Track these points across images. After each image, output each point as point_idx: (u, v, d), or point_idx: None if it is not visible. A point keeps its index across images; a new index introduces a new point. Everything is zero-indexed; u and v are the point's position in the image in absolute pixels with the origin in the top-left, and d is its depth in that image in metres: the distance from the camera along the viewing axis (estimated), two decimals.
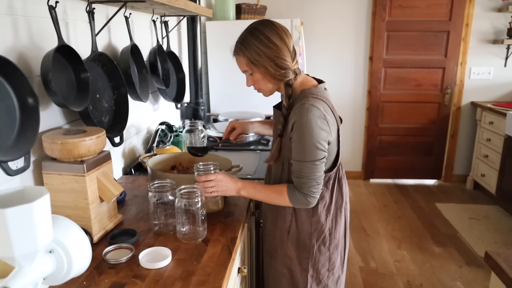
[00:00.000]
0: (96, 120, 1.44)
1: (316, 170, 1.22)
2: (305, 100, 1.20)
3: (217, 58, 3.16)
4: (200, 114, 2.65)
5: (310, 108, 1.18)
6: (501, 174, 3.44)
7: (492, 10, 3.76)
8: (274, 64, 1.20)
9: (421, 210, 3.58)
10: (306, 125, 1.18)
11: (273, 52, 1.20)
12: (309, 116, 1.18)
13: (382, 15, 3.85)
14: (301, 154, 1.21)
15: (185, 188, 1.21)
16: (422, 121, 4.12)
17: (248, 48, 1.21)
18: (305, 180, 1.22)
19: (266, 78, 1.25)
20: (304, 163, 1.21)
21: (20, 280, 0.77)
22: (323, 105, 1.21)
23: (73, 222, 0.95)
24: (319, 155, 1.21)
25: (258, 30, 1.21)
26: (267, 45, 1.19)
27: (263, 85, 1.27)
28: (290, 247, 1.37)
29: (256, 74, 1.25)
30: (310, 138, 1.18)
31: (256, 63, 1.21)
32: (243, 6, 3.31)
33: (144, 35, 2.04)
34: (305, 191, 1.23)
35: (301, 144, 1.20)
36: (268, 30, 1.20)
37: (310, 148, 1.19)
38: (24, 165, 1.11)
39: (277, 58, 1.20)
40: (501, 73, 3.92)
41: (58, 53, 1.22)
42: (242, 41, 1.23)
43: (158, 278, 1.02)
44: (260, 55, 1.20)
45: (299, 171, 1.23)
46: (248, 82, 1.30)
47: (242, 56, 1.23)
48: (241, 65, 1.26)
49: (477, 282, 2.53)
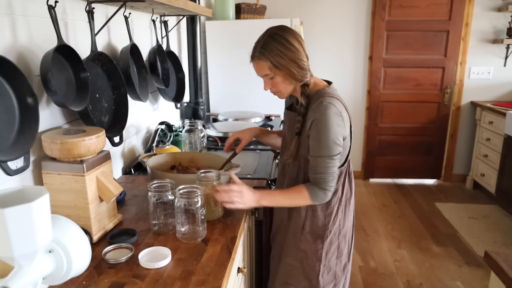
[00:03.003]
0: (96, 119, 1.44)
1: (333, 165, 1.28)
2: (322, 99, 1.27)
3: (217, 57, 3.15)
4: (199, 114, 2.65)
5: (328, 106, 1.25)
6: (500, 174, 3.45)
7: (492, 10, 3.77)
8: (296, 66, 1.26)
9: (421, 210, 3.59)
10: (325, 122, 1.24)
11: (294, 55, 1.25)
12: (328, 114, 1.24)
13: (382, 14, 3.85)
14: (320, 150, 1.27)
15: (184, 188, 1.21)
16: (421, 121, 4.12)
17: (271, 52, 1.25)
18: (323, 175, 1.28)
19: (287, 80, 1.29)
20: (322, 158, 1.27)
21: (20, 280, 0.77)
22: (339, 103, 1.28)
23: (72, 222, 0.95)
24: (336, 150, 1.27)
25: (278, 34, 1.26)
26: (289, 48, 1.24)
27: (283, 87, 1.32)
28: (303, 240, 1.41)
29: (277, 77, 1.29)
30: (328, 134, 1.25)
31: (280, 66, 1.26)
32: (242, 6, 3.31)
33: (144, 35, 2.04)
34: (323, 186, 1.29)
35: (320, 140, 1.26)
36: (287, 34, 1.26)
37: (328, 144, 1.26)
38: (23, 165, 1.11)
39: (298, 60, 1.26)
40: (500, 73, 3.93)
41: (57, 52, 1.22)
42: (264, 46, 1.26)
43: (157, 278, 1.02)
44: (283, 58, 1.24)
45: (316, 166, 1.29)
46: (267, 86, 1.34)
47: (265, 60, 1.26)
48: (262, 69, 1.29)
49: (476, 282, 2.54)
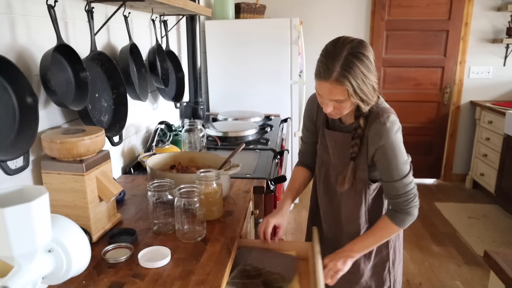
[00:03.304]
0: (95, 119, 1.44)
1: (409, 184, 1.20)
2: (381, 119, 1.15)
3: (217, 57, 3.15)
4: (199, 114, 2.65)
5: (391, 127, 1.14)
6: (500, 173, 3.45)
7: (492, 9, 3.76)
8: (373, 91, 1.10)
9: (420, 209, 3.53)
10: (392, 145, 1.15)
11: (374, 78, 1.09)
12: (392, 136, 1.14)
13: (382, 14, 3.85)
14: (393, 174, 1.18)
15: (184, 187, 1.21)
16: (421, 120, 4.12)
17: (355, 77, 1.04)
18: (404, 198, 1.20)
19: (355, 104, 1.13)
20: (397, 182, 1.18)
21: (19, 280, 0.77)
22: (395, 117, 1.18)
23: (72, 222, 0.95)
24: (408, 169, 1.19)
25: (363, 54, 1.06)
26: (371, 70, 1.08)
27: (346, 110, 1.14)
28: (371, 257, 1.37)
29: (348, 102, 1.10)
30: (398, 156, 1.16)
31: (359, 92, 1.07)
32: (242, 5, 3.31)
33: (143, 35, 2.04)
34: (407, 209, 1.22)
35: (390, 165, 1.17)
36: (370, 54, 1.08)
37: (400, 166, 1.17)
38: (23, 165, 1.11)
39: (375, 83, 1.10)
40: (500, 72, 3.93)
41: (57, 52, 1.22)
42: (347, 68, 1.04)
43: (157, 278, 1.02)
44: (366, 83, 1.07)
45: (394, 192, 1.20)
46: (329, 108, 1.14)
47: (346, 86, 1.05)
48: (338, 94, 1.08)
49: (476, 281, 2.54)
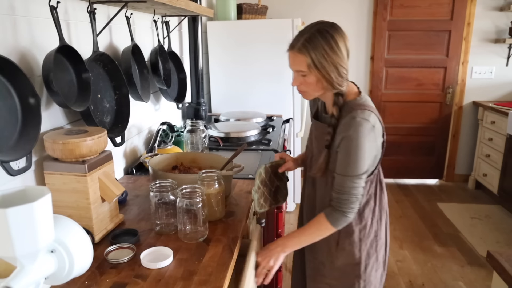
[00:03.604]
0: (98, 120, 1.44)
1: (359, 185, 1.20)
2: (354, 114, 1.16)
3: (219, 58, 3.16)
4: (201, 114, 2.65)
5: (361, 122, 1.15)
6: (503, 174, 3.44)
7: (494, 9, 3.75)
8: (336, 71, 1.15)
9: (423, 210, 3.58)
10: (357, 141, 1.15)
11: (338, 60, 1.14)
12: (360, 131, 1.14)
13: (384, 14, 3.85)
14: (348, 169, 1.18)
15: (186, 188, 1.21)
16: (423, 121, 4.11)
17: (315, 49, 1.13)
18: (346, 196, 1.20)
19: (320, 82, 1.18)
20: (350, 177, 1.18)
21: (22, 280, 0.77)
22: (372, 116, 1.18)
23: (74, 222, 0.95)
24: (364, 169, 1.19)
25: (328, 32, 1.13)
26: (335, 50, 1.13)
27: (313, 89, 1.21)
28: (339, 257, 1.34)
29: (311, 76, 1.17)
30: (359, 153, 1.16)
31: (319, 66, 1.14)
32: (244, 6, 3.31)
33: (145, 35, 2.04)
34: (344, 208, 1.20)
35: (349, 159, 1.17)
36: (337, 35, 1.14)
37: (356, 163, 1.17)
38: (25, 165, 1.11)
39: (340, 66, 1.15)
40: (503, 73, 3.91)
41: (59, 53, 1.23)
42: (309, 40, 1.14)
43: (159, 278, 1.02)
44: (326, 59, 1.13)
45: (342, 185, 1.20)
46: (296, 81, 1.22)
47: (305, 56, 1.14)
48: (299, 64, 1.17)
49: (479, 282, 2.53)
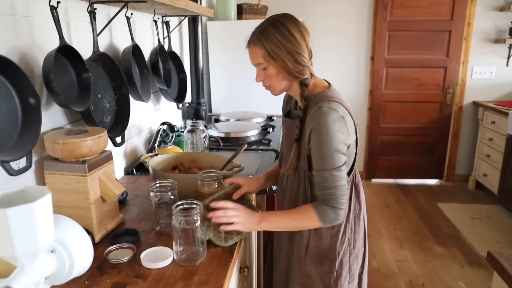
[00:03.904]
0: (98, 120, 1.44)
1: (341, 177, 1.14)
2: (321, 104, 1.13)
3: (219, 58, 3.16)
4: (201, 114, 2.65)
5: (328, 112, 1.11)
6: (503, 174, 3.43)
7: (494, 9, 3.75)
8: (293, 59, 1.13)
9: (423, 210, 3.58)
10: (325, 130, 1.10)
11: (293, 47, 1.13)
12: (328, 120, 1.10)
13: (384, 14, 3.85)
14: (324, 163, 1.13)
15: (182, 204, 1.10)
16: (423, 121, 4.11)
17: (267, 39, 1.13)
18: (332, 191, 1.13)
19: (281, 73, 1.16)
20: (328, 171, 1.13)
21: (22, 280, 0.77)
22: (340, 107, 1.14)
23: (74, 222, 0.95)
24: (341, 161, 1.13)
25: (280, 22, 1.14)
26: (288, 38, 1.12)
27: (276, 81, 1.19)
28: (309, 263, 1.28)
29: (270, 68, 1.16)
30: (331, 143, 1.11)
31: (274, 56, 1.13)
32: (244, 6, 3.31)
33: (146, 35, 2.04)
34: (334, 204, 1.13)
35: (321, 151, 1.12)
36: (290, 24, 1.14)
37: (331, 154, 1.12)
38: (26, 165, 1.11)
39: (296, 53, 1.13)
40: (503, 73, 3.91)
41: (59, 53, 1.22)
42: (262, 32, 1.15)
43: (159, 278, 1.02)
44: (280, 47, 1.12)
45: (323, 181, 1.14)
46: (259, 76, 1.21)
47: (260, 47, 1.14)
48: (256, 57, 1.17)
49: (479, 282, 2.53)
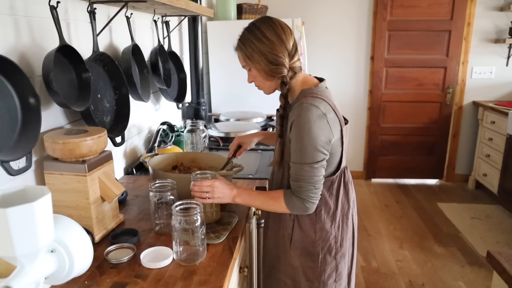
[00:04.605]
0: (98, 120, 1.44)
1: (314, 174, 1.16)
2: (303, 99, 1.16)
3: (219, 58, 3.16)
4: (201, 114, 2.65)
5: (309, 107, 1.13)
6: (503, 174, 3.44)
7: (494, 9, 3.76)
8: (265, 59, 1.19)
9: (423, 210, 3.58)
10: (304, 125, 1.13)
11: (265, 47, 1.18)
12: (308, 116, 1.13)
13: (384, 14, 3.85)
14: (299, 156, 1.16)
15: (181, 204, 1.12)
16: (423, 121, 4.11)
17: (245, 43, 1.22)
18: (302, 184, 1.17)
19: (261, 74, 1.24)
20: (302, 165, 1.16)
21: (22, 280, 0.77)
22: (323, 104, 1.16)
23: (74, 222, 0.95)
24: (317, 157, 1.15)
25: (255, 26, 1.22)
26: (261, 40, 1.19)
27: (260, 81, 1.27)
28: (293, 255, 1.31)
29: (253, 69, 1.25)
30: (308, 138, 1.13)
31: (251, 58, 1.21)
32: (244, 6, 3.31)
33: (145, 35, 2.04)
34: (302, 196, 1.17)
35: (299, 145, 1.14)
36: (264, 26, 1.20)
37: (308, 149, 1.14)
38: (25, 165, 1.11)
39: (269, 53, 1.18)
40: (503, 73, 3.92)
41: (59, 53, 1.22)
42: (241, 37, 1.25)
43: (159, 278, 1.02)
44: (254, 49, 1.20)
45: (296, 173, 1.18)
46: (248, 78, 1.30)
47: (240, 51, 1.25)
48: (240, 60, 1.28)
49: (479, 282, 2.53)
